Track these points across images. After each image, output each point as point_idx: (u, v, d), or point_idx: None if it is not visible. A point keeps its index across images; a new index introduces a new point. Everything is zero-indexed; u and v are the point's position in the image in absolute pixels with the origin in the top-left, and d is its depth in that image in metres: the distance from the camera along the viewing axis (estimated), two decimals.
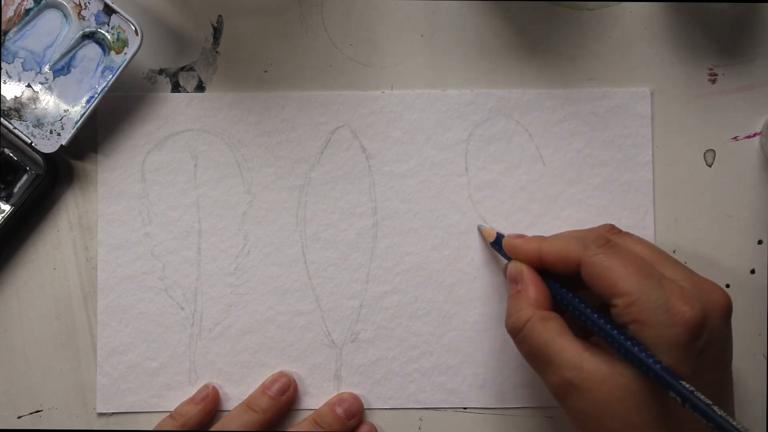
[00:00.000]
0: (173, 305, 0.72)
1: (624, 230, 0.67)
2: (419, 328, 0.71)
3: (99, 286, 0.72)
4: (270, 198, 0.72)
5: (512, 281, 0.65)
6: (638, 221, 0.72)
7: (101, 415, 0.72)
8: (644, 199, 0.72)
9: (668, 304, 0.57)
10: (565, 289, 0.64)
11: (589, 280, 0.61)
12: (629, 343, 0.57)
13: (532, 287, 0.64)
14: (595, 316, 0.60)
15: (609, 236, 0.63)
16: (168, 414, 0.71)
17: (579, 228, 0.70)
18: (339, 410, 0.70)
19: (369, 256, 0.72)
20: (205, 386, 0.71)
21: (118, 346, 0.72)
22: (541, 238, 0.66)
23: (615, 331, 0.58)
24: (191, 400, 0.71)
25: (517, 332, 0.62)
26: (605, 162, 0.72)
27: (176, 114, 0.72)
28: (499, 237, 0.69)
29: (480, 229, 0.72)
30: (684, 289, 0.58)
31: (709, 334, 0.57)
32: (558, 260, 0.63)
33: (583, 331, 0.63)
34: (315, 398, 0.71)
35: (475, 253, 0.72)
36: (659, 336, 0.56)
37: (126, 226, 0.72)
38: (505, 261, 0.68)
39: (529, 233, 0.71)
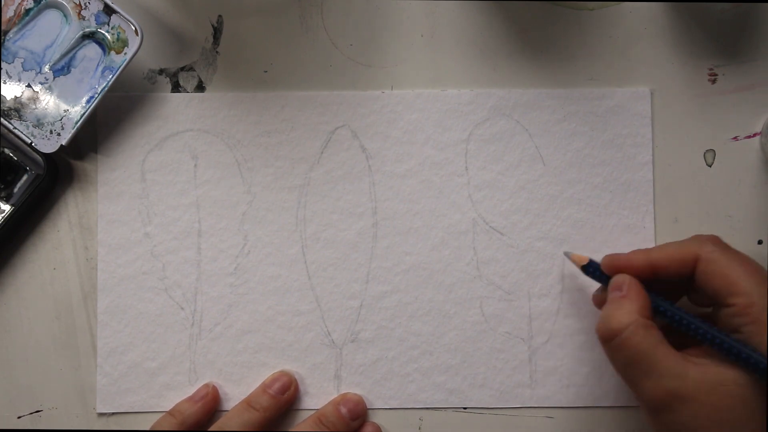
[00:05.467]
0: (173, 305, 0.72)
1: (625, 230, 0.68)
2: (419, 328, 0.71)
3: (99, 286, 0.72)
4: (270, 198, 0.72)
5: (615, 289, 0.63)
6: (638, 221, 0.72)
7: (101, 415, 0.72)
8: (644, 199, 0.71)
9: None
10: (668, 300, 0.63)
11: (706, 279, 0.60)
12: (749, 348, 0.56)
13: (636, 295, 0.62)
14: (706, 324, 0.60)
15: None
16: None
17: (579, 226, 0.71)
18: (343, 410, 0.70)
19: (369, 256, 0.72)
20: (205, 385, 0.71)
21: (118, 346, 0.72)
22: (645, 249, 0.65)
23: (732, 338, 0.58)
24: (190, 398, 0.71)
25: (612, 336, 0.60)
26: (605, 162, 0.72)
27: (176, 114, 0.72)
28: (592, 262, 0.67)
29: (568, 255, 0.70)
30: None
31: None
32: (672, 262, 0.62)
33: (680, 347, 0.61)
34: (315, 398, 0.71)
35: (475, 252, 0.72)
36: None
37: (126, 226, 0.72)
38: (597, 286, 0.68)
39: (529, 233, 0.72)
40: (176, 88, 0.73)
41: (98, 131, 0.72)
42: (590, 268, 0.67)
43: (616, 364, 0.62)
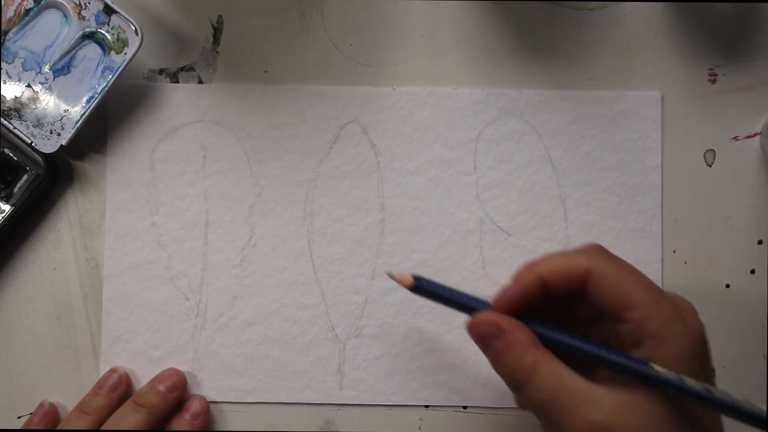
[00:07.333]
0: (178, 295, 0.72)
1: (632, 234, 0.68)
2: (423, 326, 0.71)
3: (105, 273, 0.71)
4: (278, 191, 0.72)
5: (489, 338, 0.57)
6: (645, 225, 0.72)
7: None
8: (652, 203, 0.72)
9: (681, 316, 0.54)
10: (553, 327, 0.57)
11: (599, 293, 0.55)
12: (654, 367, 0.53)
13: (518, 330, 0.56)
14: (603, 348, 0.55)
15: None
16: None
17: (586, 229, 0.71)
18: (161, 387, 0.69)
19: (375, 252, 0.72)
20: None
21: (123, 334, 0.71)
22: (527, 264, 0.58)
23: (635, 359, 0.54)
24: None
25: (525, 384, 0.55)
26: (614, 165, 0.72)
27: (186, 104, 0.72)
28: (420, 280, 0.60)
29: (391, 276, 0.61)
30: (682, 300, 0.58)
31: None
32: (562, 277, 0.56)
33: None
34: (317, 392, 0.71)
35: (481, 252, 0.72)
36: (679, 350, 0.54)
37: (133, 214, 0.72)
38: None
39: (536, 234, 0.72)
40: None
41: (109, 117, 0.72)
42: (420, 290, 0.60)
43: (535, 409, 0.57)
